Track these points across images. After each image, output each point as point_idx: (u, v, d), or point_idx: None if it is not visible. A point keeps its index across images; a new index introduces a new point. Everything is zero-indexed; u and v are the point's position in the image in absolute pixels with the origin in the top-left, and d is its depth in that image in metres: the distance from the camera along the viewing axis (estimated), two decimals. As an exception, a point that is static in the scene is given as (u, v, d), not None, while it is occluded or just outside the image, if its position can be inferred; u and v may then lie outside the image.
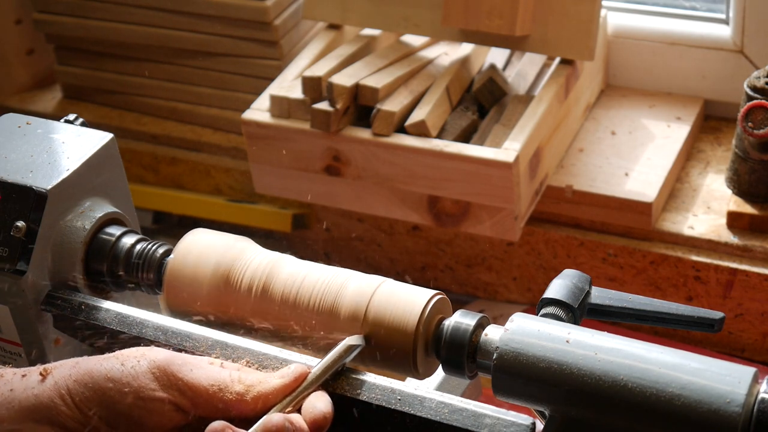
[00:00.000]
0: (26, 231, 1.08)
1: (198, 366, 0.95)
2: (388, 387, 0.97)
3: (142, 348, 0.97)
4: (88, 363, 0.94)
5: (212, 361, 0.97)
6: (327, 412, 0.93)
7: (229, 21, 2.12)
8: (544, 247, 2.01)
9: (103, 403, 0.92)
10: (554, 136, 1.91)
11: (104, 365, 0.94)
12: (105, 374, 0.93)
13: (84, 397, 0.92)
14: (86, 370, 0.93)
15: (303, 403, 0.95)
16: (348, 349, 0.98)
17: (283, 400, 0.94)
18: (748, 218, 1.87)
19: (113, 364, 0.93)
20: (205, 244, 1.07)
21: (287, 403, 0.94)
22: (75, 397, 0.92)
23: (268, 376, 0.96)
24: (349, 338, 0.99)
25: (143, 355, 0.95)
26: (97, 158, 1.15)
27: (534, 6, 1.85)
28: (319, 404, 0.94)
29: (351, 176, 1.89)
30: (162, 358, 0.94)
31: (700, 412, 0.85)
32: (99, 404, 0.92)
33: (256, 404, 0.93)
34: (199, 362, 0.95)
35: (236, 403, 0.93)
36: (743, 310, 1.90)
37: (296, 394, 0.95)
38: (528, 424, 0.92)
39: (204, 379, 0.93)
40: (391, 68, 1.91)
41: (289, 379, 0.95)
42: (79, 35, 2.28)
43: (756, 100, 1.78)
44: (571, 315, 1.00)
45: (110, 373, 0.93)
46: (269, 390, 0.94)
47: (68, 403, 0.92)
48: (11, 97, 2.42)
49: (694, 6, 2.10)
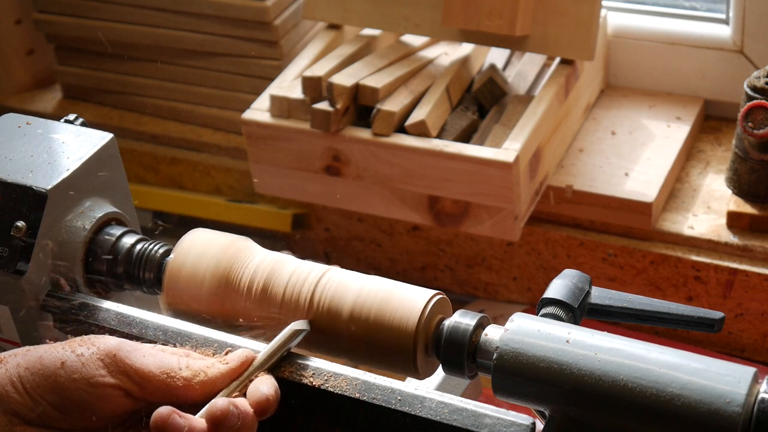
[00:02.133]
0: (26, 231, 1.08)
1: (147, 352, 0.96)
2: (388, 387, 0.97)
3: (93, 336, 0.98)
4: (38, 350, 0.96)
5: (163, 348, 0.98)
6: (270, 394, 0.95)
7: (229, 21, 2.12)
8: (544, 247, 2.01)
9: (54, 389, 0.93)
10: (554, 136, 1.91)
11: (54, 352, 0.95)
12: (55, 361, 0.94)
13: (35, 383, 0.93)
14: (37, 357, 0.95)
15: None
16: (293, 334, 0.99)
17: (230, 385, 0.96)
18: (748, 218, 1.87)
19: (63, 351, 0.95)
20: (205, 243, 1.07)
21: (234, 388, 0.96)
22: (26, 384, 0.93)
23: (214, 362, 0.97)
24: (295, 323, 1.00)
25: (92, 342, 0.96)
26: (97, 158, 1.14)
27: (534, 6, 1.85)
28: (263, 387, 0.95)
29: (351, 176, 1.89)
30: (111, 345, 0.95)
31: (700, 412, 0.85)
32: (50, 391, 0.93)
33: (203, 389, 0.95)
34: (148, 349, 0.97)
35: (183, 389, 0.95)
36: (743, 310, 1.90)
37: (242, 379, 0.96)
38: (528, 424, 0.92)
39: (153, 365, 0.95)
40: (391, 68, 1.91)
41: (235, 364, 0.97)
42: (79, 35, 2.28)
43: (756, 100, 1.78)
44: (571, 315, 1.00)
45: (60, 359, 0.94)
46: (215, 375, 0.96)
47: (19, 390, 0.93)
48: (11, 97, 2.42)
49: (694, 6, 2.10)
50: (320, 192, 1.94)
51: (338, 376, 0.98)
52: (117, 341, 0.96)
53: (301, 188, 1.95)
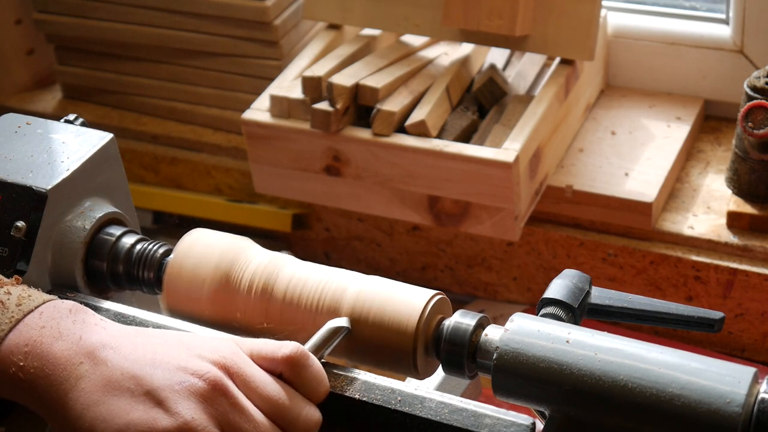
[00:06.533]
0: (26, 231, 1.08)
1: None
2: (388, 387, 0.97)
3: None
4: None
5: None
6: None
7: (229, 21, 2.12)
8: (544, 247, 2.01)
9: None
10: (554, 136, 1.91)
11: None
12: None
13: None
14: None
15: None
16: (334, 332, 0.99)
17: None
18: (748, 218, 1.87)
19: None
20: (205, 244, 1.07)
21: None
22: None
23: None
24: (334, 320, 1.00)
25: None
26: (97, 158, 1.14)
27: (534, 6, 1.85)
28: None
29: (351, 176, 1.89)
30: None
31: (700, 412, 0.85)
32: None
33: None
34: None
35: None
36: (743, 310, 1.90)
37: None
38: (528, 424, 0.92)
39: None
40: (391, 68, 1.91)
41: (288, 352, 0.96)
42: (79, 35, 2.28)
43: (756, 100, 1.78)
44: (571, 315, 1.00)
45: None
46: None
47: None
48: (11, 97, 2.42)
49: (694, 6, 2.10)
50: (320, 192, 1.94)
51: (338, 376, 0.98)
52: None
53: (301, 188, 1.95)
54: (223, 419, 0.89)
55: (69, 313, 0.96)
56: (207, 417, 0.88)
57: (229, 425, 0.89)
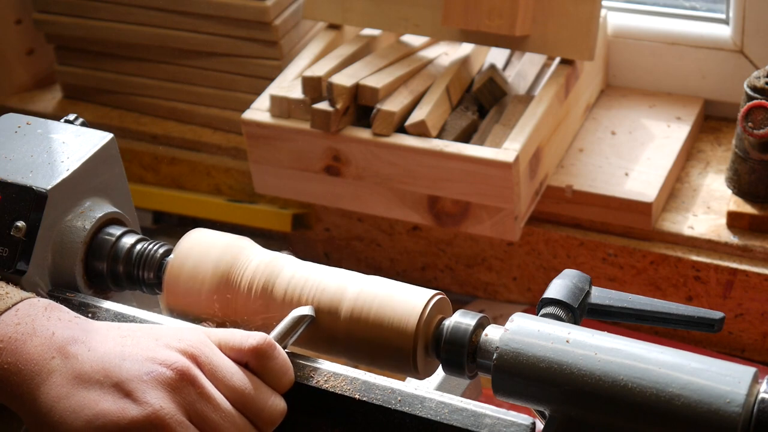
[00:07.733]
0: (26, 231, 1.08)
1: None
2: (388, 387, 0.97)
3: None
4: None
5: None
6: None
7: (229, 21, 2.12)
8: (544, 247, 2.01)
9: None
10: (554, 136, 1.91)
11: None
12: None
13: None
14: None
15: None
16: (298, 320, 1.00)
17: None
18: (748, 218, 1.87)
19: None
20: (205, 244, 1.07)
21: None
22: None
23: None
24: (299, 309, 1.01)
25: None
26: (97, 158, 1.14)
27: (534, 6, 1.85)
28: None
29: (351, 176, 1.89)
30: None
31: (700, 412, 0.85)
32: None
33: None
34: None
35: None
36: (743, 310, 1.90)
37: None
38: (528, 424, 0.92)
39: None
40: (391, 68, 1.91)
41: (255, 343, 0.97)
42: (79, 35, 2.28)
43: (756, 100, 1.78)
44: (571, 315, 1.00)
45: None
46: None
47: None
48: (11, 97, 2.42)
49: (694, 6, 2.10)
50: (320, 192, 1.94)
51: (338, 376, 0.98)
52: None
53: (301, 188, 1.95)
54: (190, 408, 0.90)
55: (44, 310, 0.98)
56: (175, 406, 0.90)
57: (196, 414, 0.90)
